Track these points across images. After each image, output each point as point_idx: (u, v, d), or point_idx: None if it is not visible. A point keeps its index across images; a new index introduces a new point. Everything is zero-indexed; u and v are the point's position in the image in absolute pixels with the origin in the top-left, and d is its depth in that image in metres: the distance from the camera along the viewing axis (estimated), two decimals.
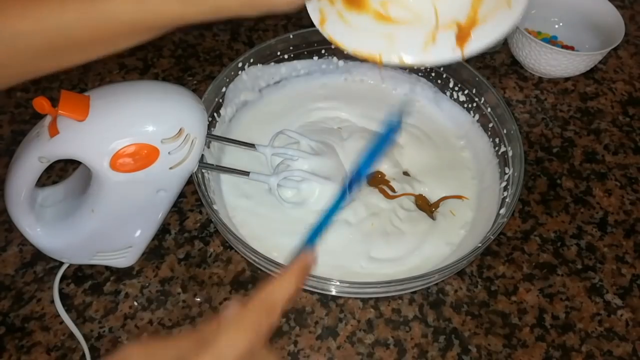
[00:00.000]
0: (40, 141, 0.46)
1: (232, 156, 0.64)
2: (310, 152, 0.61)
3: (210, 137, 0.59)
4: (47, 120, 0.47)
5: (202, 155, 0.54)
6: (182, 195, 0.63)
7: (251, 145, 0.60)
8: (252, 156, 0.62)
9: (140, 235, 0.54)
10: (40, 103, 0.43)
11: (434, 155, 0.66)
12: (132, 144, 0.46)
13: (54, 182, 0.62)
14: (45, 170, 0.48)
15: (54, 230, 0.52)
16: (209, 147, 0.60)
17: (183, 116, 0.49)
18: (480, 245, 0.52)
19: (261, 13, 0.35)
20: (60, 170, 0.65)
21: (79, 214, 0.51)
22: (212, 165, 0.60)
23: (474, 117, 0.68)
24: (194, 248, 0.60)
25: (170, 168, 0.49)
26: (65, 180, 0.56)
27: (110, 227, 0.51)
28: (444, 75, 0.69)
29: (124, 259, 0.56)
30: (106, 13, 0.35)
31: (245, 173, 0.58)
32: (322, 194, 0.59)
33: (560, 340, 0.55)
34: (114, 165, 0.46)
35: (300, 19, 0.81)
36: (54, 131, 0.45)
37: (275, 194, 0.58)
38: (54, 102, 0.44)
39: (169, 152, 0.48)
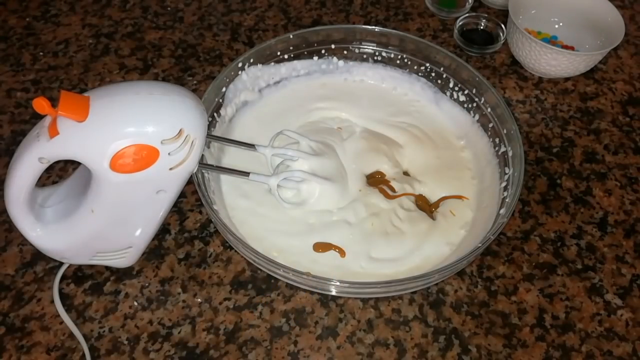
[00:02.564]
0: (40, 142, 0.46)
1: (232, 156, 0.64)
2: (310, 153, 0.61)
3: (210, 137, 0.59)
4: (47, 120, 0.47)
5: (202, 156, 0.54)
6: (182, 195, 0.63)
7: (251, 146, 0.59)
8: (252, 156, 0.62)
9: (140, 236, 0.54)
10: (40, 103, 0.43)
11: (434, 155, 0.66)
12: (132, 145, 0.46)
13: (54, 182, 0.62)
14: (45, 170, 0.48)
15: (54, 231, 0.52)
16: (209, 148, 0.60)
17: (183, 117, 0.49)
18: (480, 245, 0.52)
19: None
20: (60, 170, 0.65)
21: (79, 214, 0.51)
22: (212, 165, 0.60)
23: (474, 117, 0.68)
24: (194, 248, 0.60)
25: (170, 169, 0.49)
26: (65, 180, 0.56)
27: (110, 228, 0.51)
28: (444, 75, 0.69)
29: (124, 259, 0.56)
30: None
31: (245, 174, 0.58)
32: (322, 194, 0.59)
33: (560, 340, 0.55)
34: (113, 166, 0.46)
35: (300, 18, 0.81)
36: (53, 132, 0.45)
37: (275, 194, 0.58)
38: (54, 102, 0.44)
39: (168, 153, 0.48)
